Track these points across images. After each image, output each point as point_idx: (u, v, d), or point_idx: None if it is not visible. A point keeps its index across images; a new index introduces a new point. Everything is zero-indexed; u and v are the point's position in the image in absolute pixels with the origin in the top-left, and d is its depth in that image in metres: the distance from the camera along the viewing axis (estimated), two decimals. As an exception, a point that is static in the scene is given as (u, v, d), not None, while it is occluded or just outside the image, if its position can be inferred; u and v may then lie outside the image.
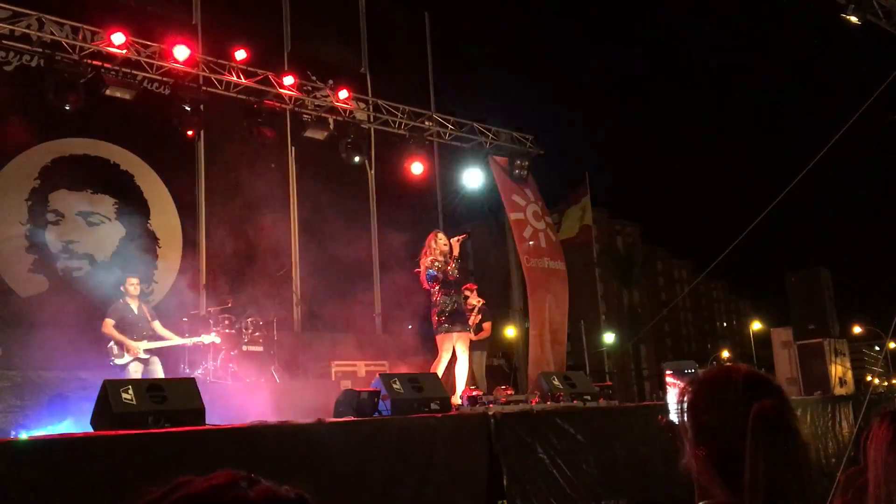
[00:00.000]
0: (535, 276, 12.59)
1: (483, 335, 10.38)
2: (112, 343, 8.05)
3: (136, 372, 8.01)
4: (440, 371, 8.20)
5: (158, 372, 8.16)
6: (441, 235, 8.50)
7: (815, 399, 10.39)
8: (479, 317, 10.31)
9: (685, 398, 1.58)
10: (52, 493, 4.03)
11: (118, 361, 8.00)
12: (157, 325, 8.46)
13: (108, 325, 8.09)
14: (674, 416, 1.62)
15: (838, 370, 11.45)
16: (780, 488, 1.36)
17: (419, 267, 8.46)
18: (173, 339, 8.54)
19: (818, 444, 9.45)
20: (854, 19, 9.67)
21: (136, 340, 8.12)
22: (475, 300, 10.33)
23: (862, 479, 1.82)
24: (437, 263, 8.20)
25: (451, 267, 8.31)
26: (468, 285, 10.41)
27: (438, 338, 8.30)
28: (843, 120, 11.15)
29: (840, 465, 8.29)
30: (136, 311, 8.36)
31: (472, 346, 9.80)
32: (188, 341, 8.67)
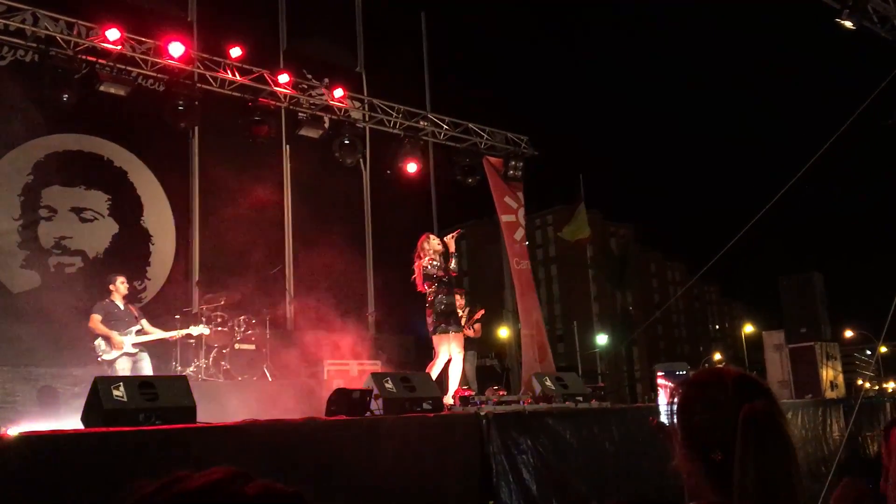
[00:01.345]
0: (523, 277, 12.65)
1: (474, 335, 10.47)
2: (99, 339, 8.01)
3: (124, 369, 7.97)
4: (436, 371, 8.21)
5: (147, 368, 8.12)
6: (433, 237, 8.52)
7: (805, 402, 10.43)
8: (475, 316, 10.41)
9: (675, 399, 1.59)
10: (41, 489, 4.01)
11: (105, 357, 7.95)
12: (143, 323, 8.43)
13: (95, 320, 8.06)
14: (664, 418, 1.62)
15: (829, 374, 11.50)
16: (770, 489, 1.36)
17: (414, 272, 8.48)
18: (160, 333, 8.49)
19: (809, 447, 9.48)
20: (849, 24, 9.70)
21: (122, 335, 8.09)
22: (461, 305, 10.40)
23: (860, 489, 1.79)
24: (434, 263, 8.22)
25: (452, 264, 8.36)
26: (456, 290, 10.49)
27: (435, 338, 8.31)
28: (838, 124, 11.19)
29: (830, 469, 8.31)
30: (122, 308, 8.33)
31: (464, 347, 9.85)
32: (176, 334, 8.61)
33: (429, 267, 8.25)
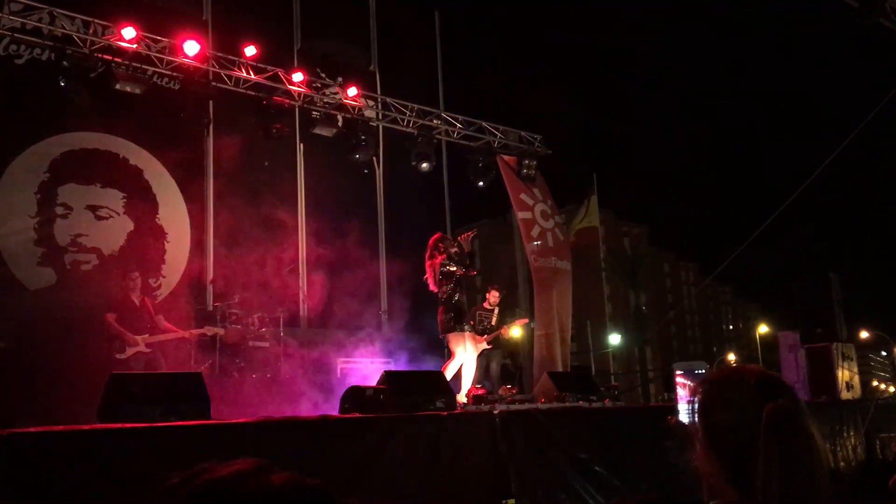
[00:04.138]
0: (541, 275, 12.56)
1: (504, 335, 10.49)
2: (113, 337, 8.09)
3: (139, 366, 8.04)
4: (452, 370, 8.22)
5: (162, 366, 8.19)
6: (448, 237, 8.56)
7: (821, 403, 10.35)
8: (518, 322, 10.37)
9: (696, 398, 1.57)
10: (57, 485, 4.04)
11: (119, 356, 8.03)
12: (160, 320, 8.48)
13: (110, 318, 8.15)
14: (684, 417, 1.61)
15: (845, 375, 11.38)
16: (793, 490, 1.34)
17: (425, 272, 8.48)
18: (174, 333, 8.53)
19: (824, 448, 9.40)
20: (866, 22, 9.62)
21: (136, 334, 8.15)
22: (494, 302, 10.35)
23: None
24: (451, 263, 8.25)
25: (468, 263, 8.38)
26: (493, 286, 10.50)
27: (451, 337, 8.32)
28: (854, 123, 11.12)
29: (847, 469, 8.26)
30: (137, 304, 8.39)
31: (490, 349, 9.85)
32: (187, 333, 8.65)
33: (446, 266, 8.27)
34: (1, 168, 9.53)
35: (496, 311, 10.25)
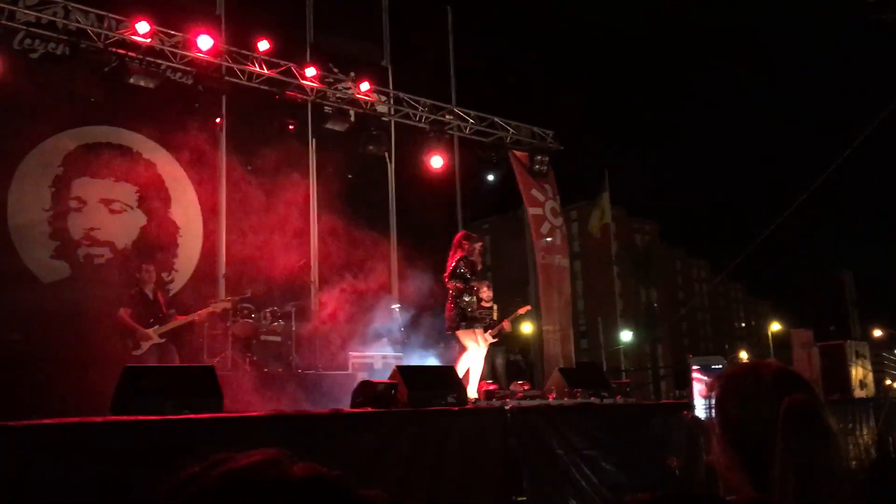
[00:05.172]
0: (547, 272, 12.59)
1: (507, 330, 10.46)
2: (128, 333, 8.16)
3: (152, 359, 8.10)
4: (465, 364, 8.23)
5: (175, 358, 8.24)
6: (472, 234, 8.61)
7: (834, 401, 10.29)
8: (519, 311, 10.36)
9: (714, 393, 1.56)
10: (70, 476, 4.06)
11: (136, 353, 8.11)
12: (172, 313, 8.54)
13: (124, 314, 8.21)
14: (702, 412, 1.60)
15: (859, 372, 11.32)
16: (811, 485, 1.33)
17: (448, 269, 8.49)
18: (184, 319, 8.59)
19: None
20: (882, 18, 9.55)
21: (148, 327, 8.21)
22: (488, 298, 10.35)
23: None
24: (467, 263, 8.28)
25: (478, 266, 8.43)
26: (485, 283, 10.48)
27: (462, 334, 8.32)
28: (870, 118, 11.02)
29: (860, 468, 8.20)
30: (151, 298, 8.45)
31: (494, 344, 9.85)
32: (195, 316, 8.70)
33: (462, 265, 8.28)
34: (15, 162, 9.57)
35: (494, 306, 10.27)
